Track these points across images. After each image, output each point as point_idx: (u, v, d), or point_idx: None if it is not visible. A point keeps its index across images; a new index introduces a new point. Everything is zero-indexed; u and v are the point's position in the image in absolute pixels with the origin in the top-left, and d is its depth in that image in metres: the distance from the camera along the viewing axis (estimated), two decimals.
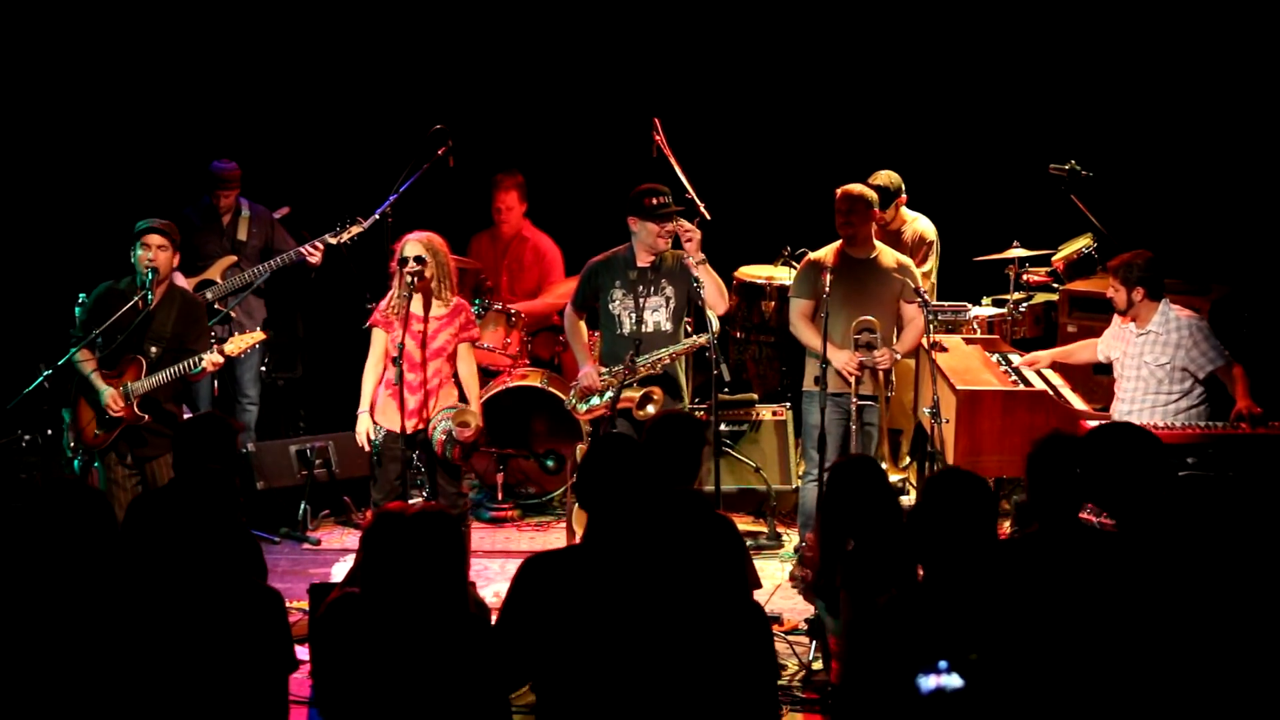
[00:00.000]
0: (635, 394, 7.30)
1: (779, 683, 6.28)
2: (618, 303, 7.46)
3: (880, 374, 7.46)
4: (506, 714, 4.44)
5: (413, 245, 7.11)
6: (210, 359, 7.04)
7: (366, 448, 7.24)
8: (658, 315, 7.44)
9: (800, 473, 7.97)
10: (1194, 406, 7.18)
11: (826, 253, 7.68)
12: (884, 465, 7.07)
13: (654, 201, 7.34)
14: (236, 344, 7.25)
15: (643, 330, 7.42)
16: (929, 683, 3.50)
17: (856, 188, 7.64)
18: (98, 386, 7.09)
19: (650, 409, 7.24)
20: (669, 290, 7.41)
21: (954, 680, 3.51)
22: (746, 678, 4.35)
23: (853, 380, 7.41)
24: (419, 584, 4.31)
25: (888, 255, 7.69)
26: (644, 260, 7.43)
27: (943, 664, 3.51)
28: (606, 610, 4.34)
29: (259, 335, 7.44)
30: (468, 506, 7.69)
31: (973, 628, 4.03)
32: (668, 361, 7.40)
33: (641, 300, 7.43)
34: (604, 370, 7.41)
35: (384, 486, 7.21)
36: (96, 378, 7.11)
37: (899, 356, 7.53)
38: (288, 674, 4.47)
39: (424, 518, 4.39)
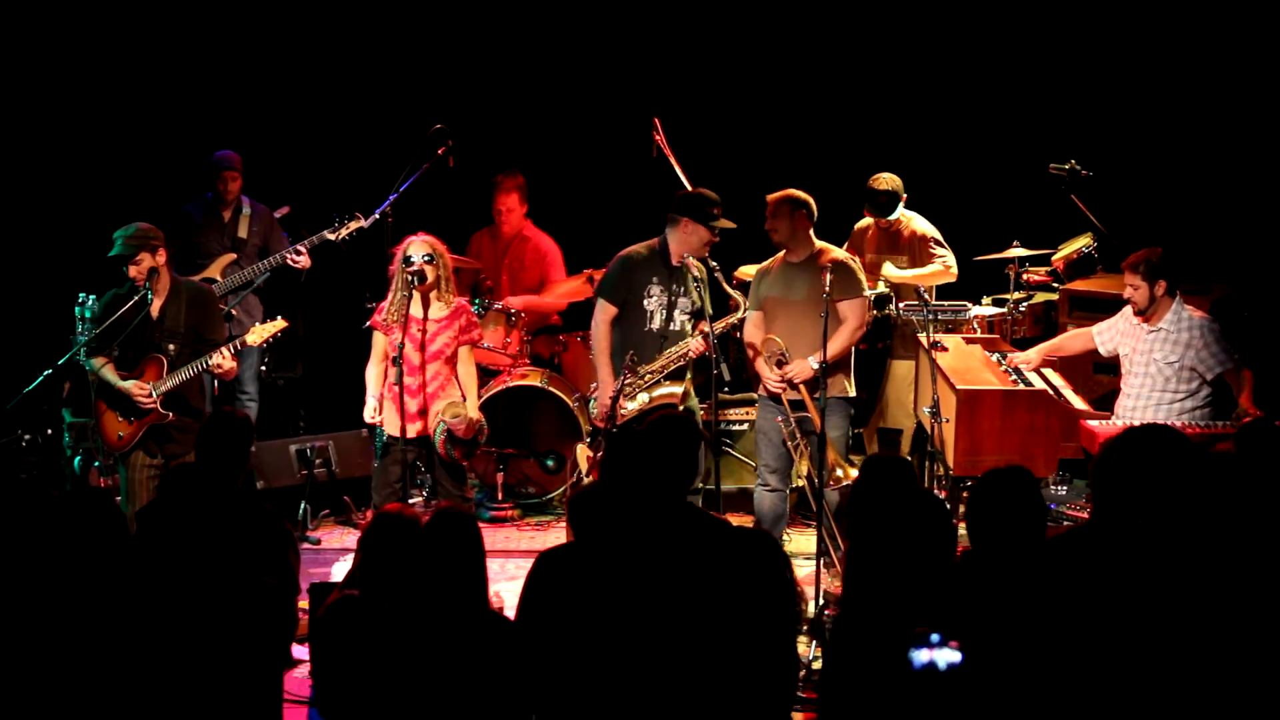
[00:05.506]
0: (676, 389, 7.31)
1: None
2: (654, 299, 7.45)
3: (801, 384, 7.22)
4: (523, 715, 4.42)
5: (420, 245, 7.10)
6: (215, 361, 7.00)
7: (374, 420, 7.21)
8: (684, 316, 7.49)
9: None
10: (1200, 407, 7.16)
11: (771, 261, 7.65)
12: (839, 471, 6.92)
13: (716, 212, 7.35)
14: (258, 333, 7.24)
15: (670, 328, 7.46)
16: (921, 657, 3.47)
17: (779, 192, 7.47)
18: (117, 382, 7.02)
19: (693, 402, 7.36)
20: (693, 292, 7.43)
21: (950, 655, 3.47)
22: (763, 673, 4.32)
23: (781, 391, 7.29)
24: (422, 584, 4.30)
25: (826, 257, 7.46)
26: (675, 259, 7.43)
27: (935, 637, 3.47)
28: (617, 607, 4.33)
29: (279, 324, 7.36)
30: (471, 509, 7.66)
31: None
32: (670, 366, 7.40)
33: (674, 299, 7.45)
34: (629, 376, 7.29)
35: (384, 488, 7.19)
36: (115, 376, 7.04)
37: (815, 366, 7.10)
38: (281, 671, 4.46)
39: (436, 519, 4.39)
